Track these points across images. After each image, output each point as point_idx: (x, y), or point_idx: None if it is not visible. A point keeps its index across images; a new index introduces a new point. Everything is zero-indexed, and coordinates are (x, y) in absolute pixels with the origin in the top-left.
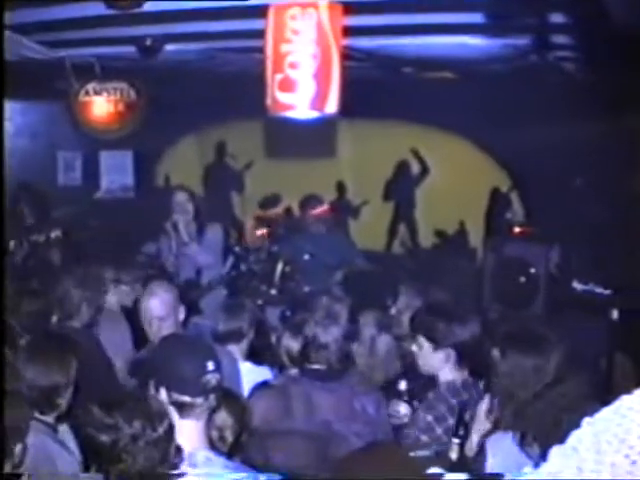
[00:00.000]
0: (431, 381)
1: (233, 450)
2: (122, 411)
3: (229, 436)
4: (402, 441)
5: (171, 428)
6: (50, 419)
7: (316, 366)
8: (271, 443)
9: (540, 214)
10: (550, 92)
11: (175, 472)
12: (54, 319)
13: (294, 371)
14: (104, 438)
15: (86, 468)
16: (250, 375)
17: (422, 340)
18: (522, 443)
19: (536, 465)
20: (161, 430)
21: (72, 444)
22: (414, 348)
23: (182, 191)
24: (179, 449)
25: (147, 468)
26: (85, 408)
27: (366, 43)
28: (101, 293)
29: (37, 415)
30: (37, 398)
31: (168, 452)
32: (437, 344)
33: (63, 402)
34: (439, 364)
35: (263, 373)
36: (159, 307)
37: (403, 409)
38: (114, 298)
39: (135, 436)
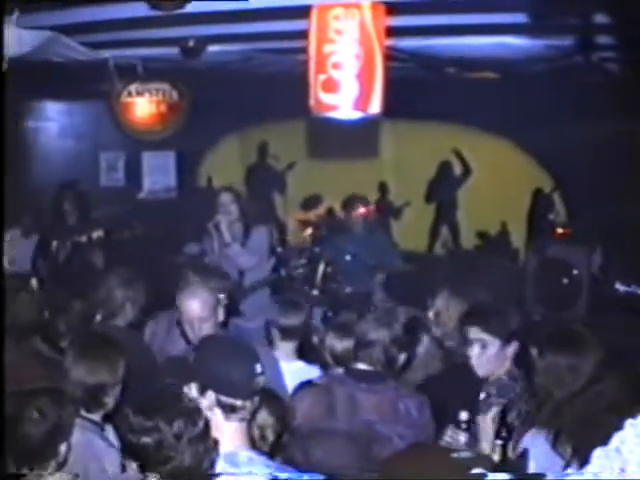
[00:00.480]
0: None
1: (274, 450)
2: (160, 412)
3: (270, 435)
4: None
5: (207, 422)
6: (97, 417)
7: (362, 366)
8: (313, 442)
9: (583, 215)
10: (593, 92)
11: (214, 472)
12: (98, 318)
13: (339, 371)
14: (146, 440)
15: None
16: (301, 373)
17: (488, 338)
18: (555, 442)
19: (567, 465)
20: (201, 424)
21: (117, 443)
22: (475, 349)
23: (227, 192)
24: (215, 444)
25: (194, 464)
26: (122, 413)
27: (408, 43)
28: (144, 292)
29: (84, 413)
30: (84, 396)
31: (208, 446)
32: (505, 340)
33: (110, 401)
34: (502, 362)
35: (313, 372)
36: (200, 308)
37: (463, 438)
38: None
39: (178, 435)
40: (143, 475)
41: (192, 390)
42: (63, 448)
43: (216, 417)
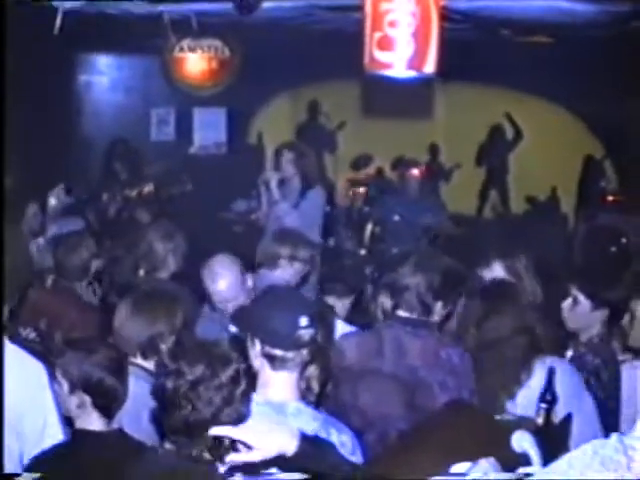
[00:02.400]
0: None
1: (320, 400)
2: (187, 356)
3: (315, 386)
4: None
5: (238, 374)
6: (151, 366)
7: (406, 314)
8: (361, 383)
9: (634, 183)
10: None
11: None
12: (141, 273)
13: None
14: (169, 385)
15: None
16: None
17: (581, 296)
18: None
19: None
20: (224, 377)
21: None
22: (567, 303)
23: (289, 149)
24: (247, 396)
25: (209, 416)
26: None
27: (463, 4)
28: (185, 244)
29: (138, 361)
30: (140, 345)
31: (232, 398)
32: (595, 304)
33: (165, 347)
34: (591, 323)
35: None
36: (226, 290)
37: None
38: None
39: (195, 382)
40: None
41: (247, 339)
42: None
43: (264, 367)
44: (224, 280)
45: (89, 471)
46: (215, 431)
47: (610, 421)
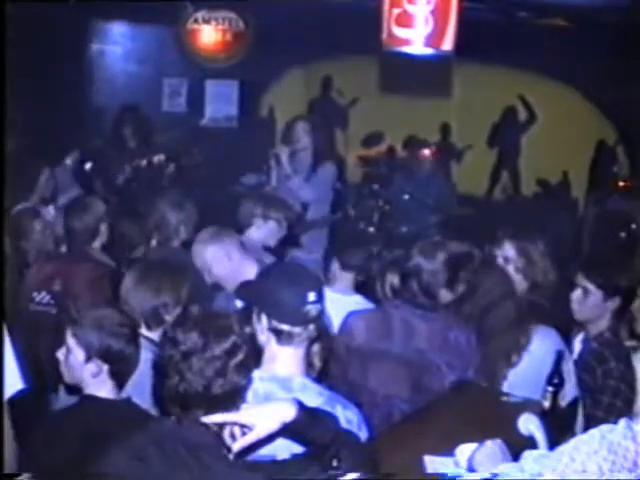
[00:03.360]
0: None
1: (321, 376)
2: (184, 326)
3: (317, 363)
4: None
5: (235, 346)
6: (155, 336)
7: (409, 296)
8: (370, 363)
9: None
10: None
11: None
12: (153, 243)
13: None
14: (163, 353)
15: None
16: (359, 307)
17: (592, 287)
18: None
19: None
20: (217, 349)
21: None
22: (577, 294)
23: (304, 121)
24: (244, 367)
25: (199, 386)
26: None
27: None
28: (195, 212)
29: (144, 332)
30: (143, 314)
31: (226, 369)
32: (607, 293)
33: (169, 318)
34: (602, 313)
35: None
36: (220, 270)
37: None
38: None
39: (188, 352)
40: None
41: (254, 314)
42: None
43: (271, 342)
44: (213, 256)
45: (96, 437)
46: (210, 419)
47: (624, 409)
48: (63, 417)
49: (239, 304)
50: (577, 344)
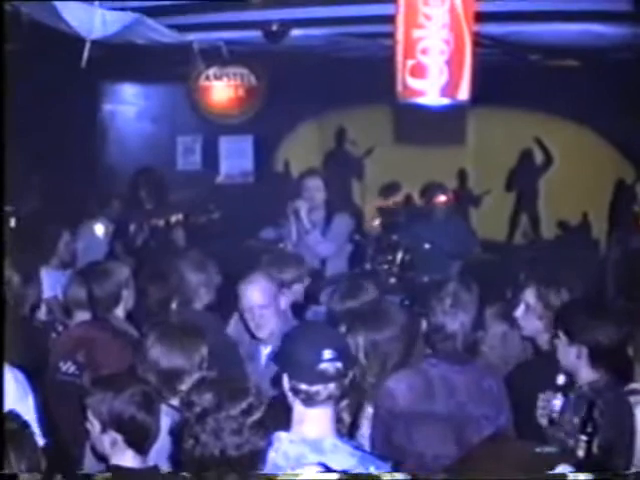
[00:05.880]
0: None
1: (352, 430)
2: (198, 389)
3: (347, 417)
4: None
5: (251, 407)
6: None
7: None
8: (414, 427)
9: None
10: None
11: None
12: (174, 305)
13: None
14: (181, 417)
15: None
16: None
17: (560, 333)
18: None
19: None
20: (233, 410)
21: None
22: (555, 341)
23: (315, 176)
24: (262, 428)
25: (215, 449)
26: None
27: (495, 29)
28: (217, 274)
29: (167, 399)
30: (158, 381)
31: (241, 429)
32: (572, 338)
33: (187, 383)
34: (573, 360)
35: None
36: (258, 295)
37: (558, 402)
38: None
39: (202, 414)
40: None
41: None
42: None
43: (296, 403)
44: (257, 286)
45: None
46: None
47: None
48: None
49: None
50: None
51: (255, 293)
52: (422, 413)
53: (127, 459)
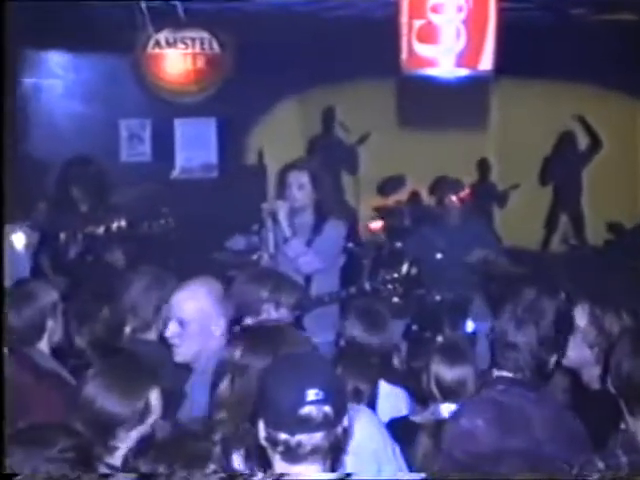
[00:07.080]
0: None
1: None
2: (145, 454)
3: None
4: None
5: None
6: (118, 462)
7: (507, 374)
8: (495, 467)
9: None
10: None
11: None
12: (127, 331)
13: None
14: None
15: None
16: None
17: None
18: None
19: None
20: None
21: None
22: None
23: (299, 170)
24: None
25: None
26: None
27: None
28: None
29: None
30: (86, 430)
31: None
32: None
33: (132, 437)
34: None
35: (399, 395)
36: (187, 309)
37: None
38: None
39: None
40: None
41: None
42: None
43: (275, 459)
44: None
45: None
46: None
47: None
48: None
49: None
50: None
51: (184, 304)
52: (502, 450)
53: None
